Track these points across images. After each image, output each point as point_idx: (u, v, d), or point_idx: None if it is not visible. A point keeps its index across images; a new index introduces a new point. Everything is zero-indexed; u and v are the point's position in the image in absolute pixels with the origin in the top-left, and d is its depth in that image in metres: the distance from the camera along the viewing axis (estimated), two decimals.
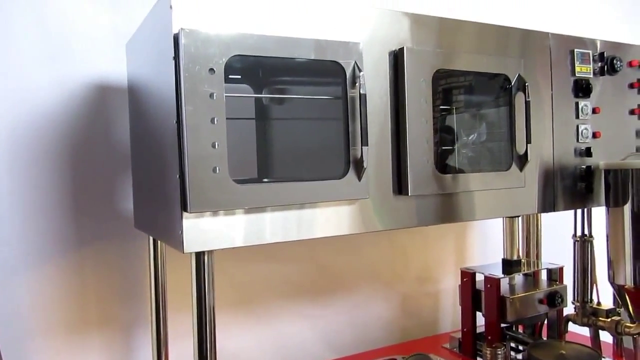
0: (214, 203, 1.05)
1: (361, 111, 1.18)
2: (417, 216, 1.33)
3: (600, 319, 1.76)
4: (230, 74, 1.62)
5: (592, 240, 1.82)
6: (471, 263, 2.33)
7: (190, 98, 1.03)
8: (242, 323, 1.91)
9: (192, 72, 1.03)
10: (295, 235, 1.16)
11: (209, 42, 1.05)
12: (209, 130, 1.04)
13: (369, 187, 1.24)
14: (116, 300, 1.67)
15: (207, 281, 1.12)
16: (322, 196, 1.16)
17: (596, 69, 1.68)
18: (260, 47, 1.10)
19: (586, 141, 1.65)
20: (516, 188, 1.49)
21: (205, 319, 1.11)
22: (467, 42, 1.41)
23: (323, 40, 1.17)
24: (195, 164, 1.03)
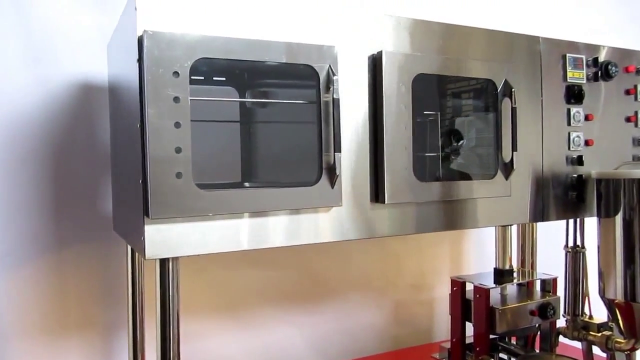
0: (176, 209, 1.02)
1: (334, 116, 1.15)
2: (395, 225, 1.29)
3: (591, 333, 1.70)
4: (215, 75, 1.62)
5: (584, 251, 1.76)
6: (467, 271, 2.29)
7: (153, 101, 1.00)
8: (229, 329, 1.89)
9: (155, 75, 1.01)
10: (264, 243, 1.13)
11: (173, 45, 1.02)
12: (172, 134, 1.02)
13: (345, 194, 1.21)
14: (96, 303, 1.66)
15: (171, 288, 1.09)
16: (292, 203, 1.14)
17: (590, 75, 1.62)
18: (227, 49, 1.08)
19: (578, 149, 1.60)
20: (502, 197, 1.44)
21: (169, 326, 1.09)
22: (451, 46, 1.37)
23: (295, 43, 1.14)
24: (157, 168, 1.01)
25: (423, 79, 1.33)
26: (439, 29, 1.36)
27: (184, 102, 1.03)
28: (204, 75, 1.59)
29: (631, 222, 1.51)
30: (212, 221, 1.07)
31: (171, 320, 1.09)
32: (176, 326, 1.09)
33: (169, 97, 1.02)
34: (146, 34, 1.00)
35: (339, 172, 1.15)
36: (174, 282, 1.09)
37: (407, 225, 1.30)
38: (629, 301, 1.53)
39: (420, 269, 2.23)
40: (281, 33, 1.16)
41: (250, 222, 1.11)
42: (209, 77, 1.60)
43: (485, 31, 1.43)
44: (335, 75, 1.15)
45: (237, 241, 1.11)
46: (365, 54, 1.27)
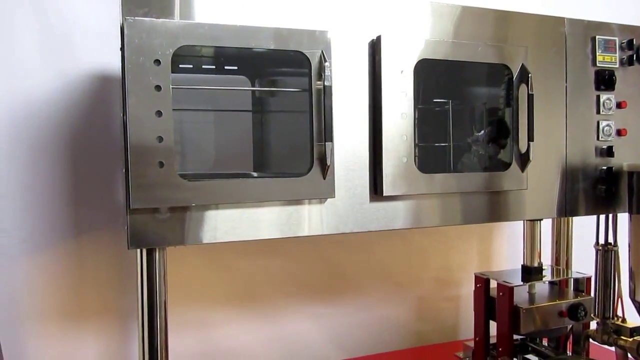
0: (159, 199, 1.02)
1: (325, 104, 1.10)
2: (396, 218, 1.24)
3: (622, 337, 1.58)
4: (227, 64, 1.60)
5: (616, 250, 1.63)
6: (497, 268, 2.18)
7: (134, 90, 1.00)
8: (247, 320, 1.88)
9: (135, 63, 1.00)
10: (252, 235, 1.11)
11: (154, 33, 1.01)
12: (154, 123, 1.01)
13: (340, 186, 1.17)
14: (113, 289, 1.69)
15: (159, 278, 1.08)
16: (281, 195, 1.10)
17: (624, 58, 1.49)
18: (212, 36, 1.05)
19: (608, 139, 1.48)
20: (517, 190, 1.35)
21: (156, 317, 1.08)
22: (462, 29, 1.29)
23: (285, 28, 1.10)
24: (138, 158, 1.00)
25: (431, 65, 1.27)
26: (447, 11, 1.28)
27: (165, 90, 1.01)
28: (215, 65, 1.58)
29: None
30: (196, 212, 1.06)
31: (158, 311, 1.08)
32: (163, 317, 1.09)
33: (150, 85, 1.00)
34: (127, 22, 0.99)
35: (330, 162, 1.11)
36: (161, 272, 1.09)
37: (408, 218, 1.24)
38: None
39: (446, 263, 2.15)
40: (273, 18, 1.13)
41: (237, 213, 1.09)
42: (220, 66, 1.59)
43: (499, 12, 1.34)
44: (326, 62, 1.10)
45: (223, 232, 1.09)
46: (366, 39, 1.21)
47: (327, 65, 1.10)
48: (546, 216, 1.44)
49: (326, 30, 1.13)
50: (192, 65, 1.55)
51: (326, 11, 1.18)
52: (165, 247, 1.09)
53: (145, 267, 1.08)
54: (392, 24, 1.23)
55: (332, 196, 1.14)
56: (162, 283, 1.09)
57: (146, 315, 1.08)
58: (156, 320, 1.08)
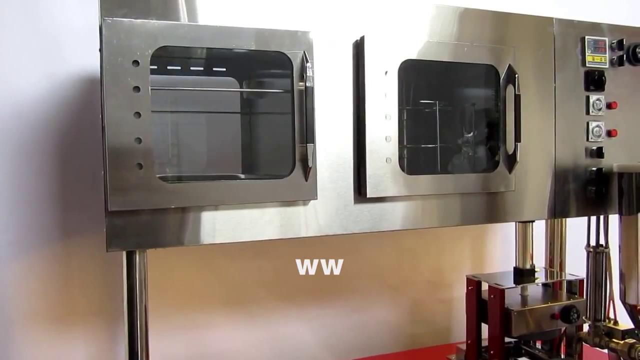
0: (137, 201, 1.01)
1: (307, 105, 1.09)
2: (382, 220, 1.23)
3: (614, 340, 1.56)
4: (215, 66, 1.59)
5: (608, 252, 1.62)
6: (491, 269, 2.16)
7: (112, 91, 0.99)
8: (237, 324, 1.87)
9: (114, 64, 0.99)
10: (234, 237, 1.10)
11: (133, 33, 1.00)
12: (132, 124, 1.00)
13: (323, 187, 1.16)
14: (101, 292, 1.68)
15: (139, 281, 1.07)
16: (262, 197, 1.09)
17: (614, 59, 1.48)
18: (192, 37, 1.04)
19: (598, 140, 1.46)
20: (505, 191, 1.34)
21: (136, 320, 1.07)
22: (446, 29, 1.28)
23: (266, 29, 1.09)
24: (116, 160, 0.99)
25: (417, 66, 1.26)
26: (431, 11, 1.27)
27: (144, 91, 1.00)
28: (204, 66, 1.57)
29: None
30: (177, 214, 1.05)
31: (138, 314, 1.07)
32: (144, 320, 1.08)
33: (128, 86, 0.99)
34: (105, 23, 0.99)
35: (311, 163, 1.10)
36: (142, 275, 1.08)
37: (394, 220, 1.23)
38: None
39: (438, 265, 2.13)
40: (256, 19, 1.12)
41: (219, 215, 1.08)
42: (209, 68, 1.58)
43: (487, 13, 1.33)
44: (308, 63, 1.09)
45: (205, 235, 1.08)
46: (350, 40, 1.20)
47: (309, 66, 1.09)
48: (536, 218, 1.42)
49: (308, 31, 1.12)
50: (180, 67, 1.55)
51: (310, 12, 1.17)
52: (145, 250, 1.08)
53: (125, 270, 1.07)
54: (376, 25, 1.22)
55: (315, 198, 1.13)
56: (142, 285, 1.08)
57: (126, 321, 1.07)
58: (136, 323, 1.07)
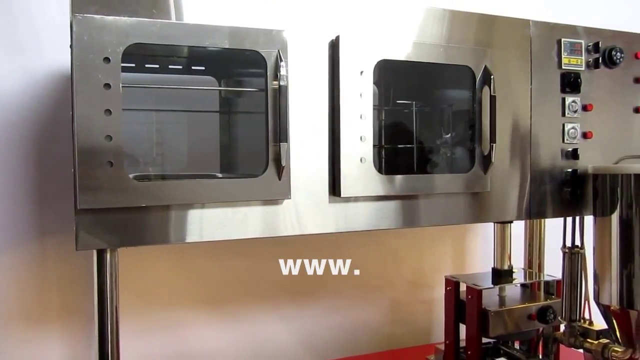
0: (107, 200, 1.00)
1: (280, 104, 1.09)
2: (356, 219, 1.23)
3: (588, 340, 1.57)
4: (194, 65, 1.59)
5: (583, 252, 1.63)
6: (471, 270, 2.17)
7: (82, 88, 0.98)
8: (216, 323, 1.86)
9: (84, 60, 0.98)
10: (206, 236, 1.09)
11: (104, 30, 0.99)
12: (103, 122, 0.99)
13: (297, 187, 1.15)
14: (77, 292, 1.66)
15: (109, 281, 1.07)
16: (235, 195, 1.09)
17: (590, 61, 1.49)
18: (164, 34, 1.04)
19: (573, 142, 1.48)
20: (481, 192, 1.35)
21: (107, 320, 1.07)
22: (422, 30, 1.28)
23: (240, 27, 1.09)
24: (86, 157, 0.98)
25: (394, 66, 1.26)
26: (407, 11, 1.27)
27: (115, 88, 0.99)
28: (182, 65, 1.57)
29: (628, 221, 1.39)
30: (147, 213, 1.04)
31: (109, 315, 1.07)
32: (114, 319, 1.07)
33: (99, 83, 0.99)
34: (75, 19, 0.98)
35: (285, 163, 1.09)
36: (113, 273, 1.07)
37: (368, 220, 1.23)
38: (625, 308, 1.40)
39: (419, 266, 2.14)
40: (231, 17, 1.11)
41: (191, 214, 1.07)
42: (188, 66, 1.58)
43: (464, 14, 1.34)
44: (282, 62, 1.09)
45: (176, 234, 1.07)
46: (325, 39, 1.20)
47: (283, 65, 1.09)
48: (512, 218, 1.43)
49: (282, 30, 1.11)
50: (159, 66, 1.54)
51: (286, 10, 1.17)
52: (116, 249, 1.07)
53: (95, 269, 1.06)
54: (352, 24, 1.22)
55: (288, 197, 1.13)
56: (113, 285, 1.07)
57: (96, 321, 1.06)
58: (107, 322, 1.06)
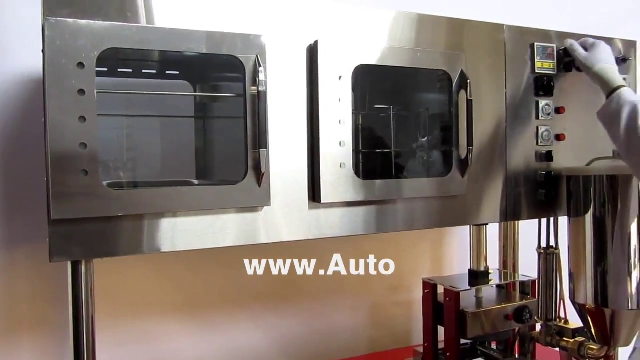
0: (82, 209, 0.97)
1: (259, 110, 1.08)
2: (336, 225, 1.22)
3: (564, 339, 1.60)
4: (168, 69, 1.56)
5: (558, 253, 1.66)
6: (449, 272, 2.19)
7: (55, 94, 0.95)
8: (193, 331, 1.83)
9: (57, 66, 0.95)
10: (185, 245, 1.07)
11: (78, 34, 0.96)
12: (77, 129, 0.96)
13: (277, 193, 1.14)
14: (48, 303, 1.61)
15: (84, 292, 1.03)
16: (213, 203, 1.07)
17: (562, 65, 1.52)
18: (140, 39, 1.01)
19: (547, 144, 1.50)
20: (458, 196, 1.36)
21: (82, 333, 1.03)
22: (400, 35, 1.29)
23: (217, 32, 1.07)
24: (59, 165, 0.96)
25: (372, 71, 1.26)
26: (385, 16, 1.27)
27: (89, 95, 0.97)
28: (156, 70, 1.54)
29: (602, 221, 1.41)
30: (123, 222, 1.01)
31: (85, 326, 1.04)
32: (90, 331, 1.04)
33: (72, 89, 0.96)
34: (48, 23, 0.95)
35: (265, 169, 1.08)
36: (88, 286, 1.04)
37: (348, 225, 1.23)
38: (600, 306, 1.43)
39: (398, 269, 2.14)
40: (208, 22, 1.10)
41: (169, 222, 1.05)
42: (162, 71, 1.55)
43: (440, 19, 1.35)
44: (261, 67, 1.08)
45: (153, 243, 1.05)
46: (304, 44, 1.19)
47: (262, 70, 1.08)
48: (489, 221, 1.45)
49: (260, 35, 1.10)
50: (132, 70, 1.51)
51: (264, 15, 1.15)
52: (91, 260, 1.04)
53: (70, 280, 1.03)
54: (330, 30, 1.21)
55: (268, 204, 1.11)
56: (88, 296, 1.04)
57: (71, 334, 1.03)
58: (82, 335, 1.03)
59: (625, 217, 1.39)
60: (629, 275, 1.39)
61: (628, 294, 1.40)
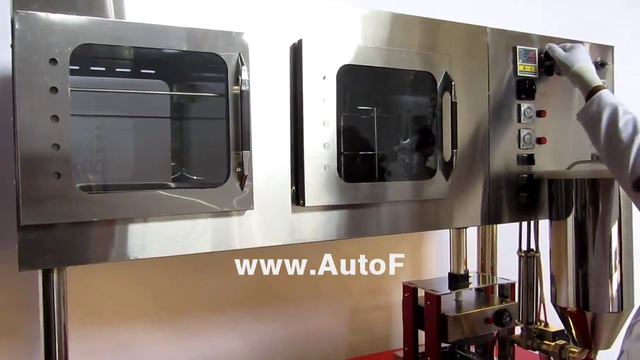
0: (54, 214, 0.91)
1: (242, 110, 1.04)
2: (319, 229, 1.19)
3: (545, 342, 1.60)
4: (143, 68, 1.50)
5: (538, 256, 1.66)
6: (428, 275, 2.18)
7: (25, 92, 0.90)
8: (169, 338, 1.78)
9: (28, 62, 0.90)
10: (163, 252, 1.02)
11: (50, 29, 0.91)
12: (49, 129, 0.91)
13: (260, 197, 1.10)
14: (17, 312, 1.54)
15: (56, 301, 0.98)
16: (194, 207, 1.03)
17: (543, 68, 1.52)
18: (117, 35, 0.97)
19: (529, 147, 1.50)
20: (442, 199, 1.34)
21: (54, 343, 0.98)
22: (385, 35, 1.27)
23: (199, 29, 1.03)
24: (30, 168, 0.90)
25: (356, 71, 1.23)
26: (370, 16, 1.25)
27: (62, 93, 0.92)
28: (130, 68, 1.48)
29: (583, 224, 1.42)
30: (98, 227, 0.96)
31: (57, 336, 0.98)
32: (63, 342, 0.98)
33: (44, 87, 0.90)
34: (17, 16, 0.89)
35: (247, 172, 1.04)
36: (60, 294, 0.98)
37: (333, 229, 1.20)
38: (581, 309, 1.43)
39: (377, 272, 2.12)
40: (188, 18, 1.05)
41: (147, 227, 1.00)
42: (136, 69, 1.49)
43: (423, 19, 1.33)
44: (244, 65, 1.04)
45: (133, 249, 1.00)
46: (287, 43, 1.16)
47: (245, 69, 1.04)
48: (470, 224, 1.44)
49: (243, 32, 1.06)
50: (105, 68, 1.45)
51: (245, 12, 1.11)
52: (64, 268, 0.98)
53: (41, 289, 0.98)
54: (314, 28, 1.18)
55: (251, 207, 1.08)
56: (61, 305, 0.98)
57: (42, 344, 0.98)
58: (54, 346, 0.98)
59: (606, 220, 1.39)
60: (610, 278, 1.40)
61: (609, 296, 1.40)
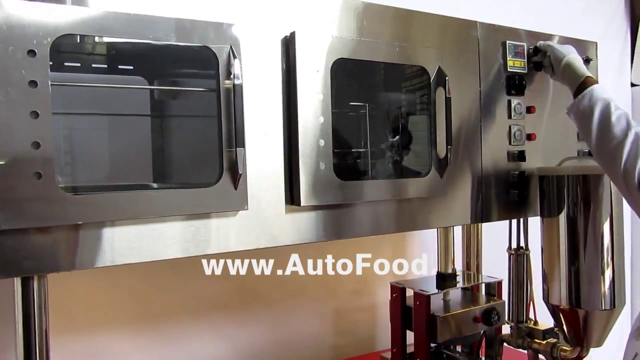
0: (35, 217, 0.85)
1: (235, 106, 0.98)
2: (315, 230, 1.14)
3: (536, 340, 1.59)
4: (121, 63, 1.43)
5: (528, 254, 1.65)
6: (411, 275, 2.16)
7: (1, 86, 0.82)
8: (149, 343, 1.70)
9: (3, 53, 0.82)
10: (153, 255, 0.96)
11: (29, 19, 0.84)
12: (28, 126, 0.84)
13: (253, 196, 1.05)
14: None
15: (37, 309, 0.91)
16: (185, 208, 0.97)
17: (531, 64, 1.51)
18: (101, 26, 0.90)
19: (520, 144, 1.48)
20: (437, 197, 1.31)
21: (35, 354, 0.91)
22: (378, 29, 1.23)
23: (188, 19, 0.97)
24: (8, 168, 0.83)
25: (349, 65, 1.19)
26: (363, 8, 1.21)
27: (42, 87, 0.85)
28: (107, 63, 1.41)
29: (575, 221, 1.41)
30: (83, 230, 0.89)
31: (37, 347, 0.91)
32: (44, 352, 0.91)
33: (22, 80, 0.83)
34: None
35: (242, 170, 0.99)
36: (41, 302, 0.91)
37: (329, 230, 1.15)
38: (574, 307, 1.42)
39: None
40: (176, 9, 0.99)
41: (134, 230, 0.94)
42: (114, 65, 1.42)
43: (416, 13, 1.30)
44: (236, 58, 0.99)
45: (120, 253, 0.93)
46: (279, 35, 1.11)
47: (237, 62, 0.98)
48: (461, 222, 1.42)
49: (233, 23, 1.01)
50: (80, 64, 1.37)
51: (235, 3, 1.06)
52: (45, 275, 0.91)
53: (20, 297, 0.90)
54: (307, 21, 1.14)
55: (245, 208, 1.02)
56: (42, 313, 0.91)
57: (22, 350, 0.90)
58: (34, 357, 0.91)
59: (598, 216, 1.38)
60: (602, 275, 1.39)
61: (601, 294, 1.40)
